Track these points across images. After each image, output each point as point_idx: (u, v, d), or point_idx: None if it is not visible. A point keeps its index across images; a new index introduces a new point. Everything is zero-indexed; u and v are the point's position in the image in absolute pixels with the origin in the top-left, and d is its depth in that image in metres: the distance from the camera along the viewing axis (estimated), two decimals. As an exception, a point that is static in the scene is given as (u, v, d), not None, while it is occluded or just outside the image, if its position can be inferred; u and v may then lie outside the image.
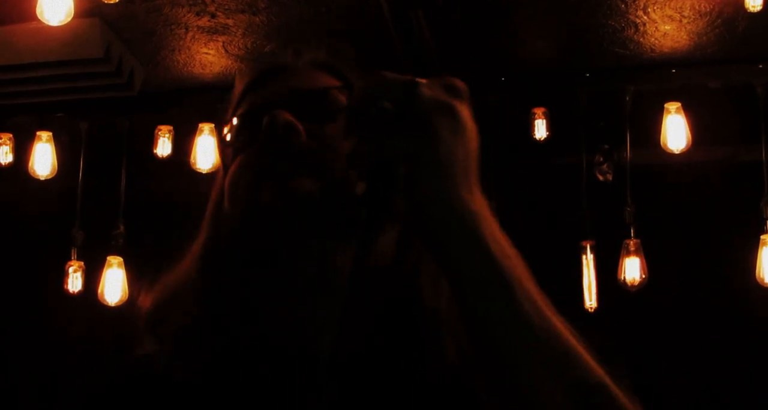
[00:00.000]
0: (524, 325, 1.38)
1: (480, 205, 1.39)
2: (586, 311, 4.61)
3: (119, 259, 4.81)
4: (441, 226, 1.38)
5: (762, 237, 4.58)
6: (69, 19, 3.84)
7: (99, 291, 4.82)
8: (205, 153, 4.82)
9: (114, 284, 4.80)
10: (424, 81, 1.38)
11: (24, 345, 5.24)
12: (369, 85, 1.42)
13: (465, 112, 1.40)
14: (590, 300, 4.66)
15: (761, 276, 4.55)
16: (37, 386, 5.28)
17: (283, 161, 1.56)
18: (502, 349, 1.40)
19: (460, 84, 1.42)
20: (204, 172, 4.87)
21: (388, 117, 1.36)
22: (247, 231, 1.63)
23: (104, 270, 4.83)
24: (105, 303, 4.77)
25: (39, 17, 3.83)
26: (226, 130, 1.74)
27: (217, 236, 1.74)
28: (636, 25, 4.45)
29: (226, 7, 4.31)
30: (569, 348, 1.39)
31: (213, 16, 4.37)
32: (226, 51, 4.60)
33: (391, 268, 1.61)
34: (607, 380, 1.38)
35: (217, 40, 4.54)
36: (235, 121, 1.73)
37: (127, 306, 4.76)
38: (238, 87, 1.80)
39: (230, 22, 4.41)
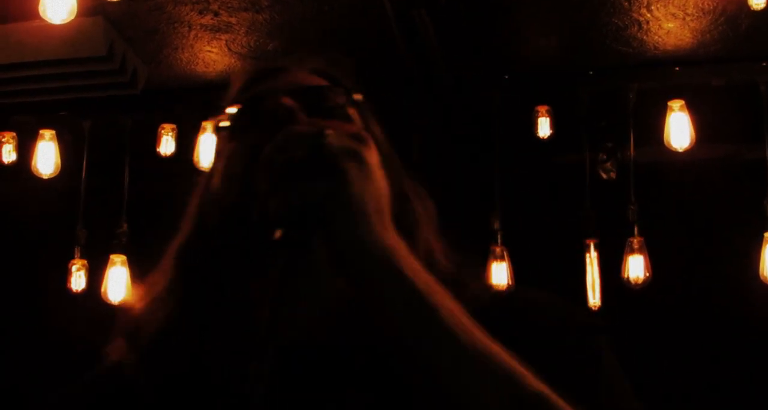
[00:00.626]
0: (452, 344, 1.41)
1: (395, 240, 1.44)
2: (589, 309, 4.62)
3: (122, 258, 4.81)
4: (360, 263, 1.43)
5: (765, 235, 4.58)
6: (71, 17, 3.83)
7: (102, 289, 4.82)
8: (209, 151, 4.82)
9: (117, 283, 4.80)
10: (331, 131, 1.43)
11: (26, 344, 5.24)
12: (280, 137, 1.46)
13: (372, 157, 1.46)
14: (594, 298, 4.67)
15: (764, 274, 4.54)
16: (38, 385, 5.30)
17: None
18: (434, 369, 1.42)
19: (364, 133, 1.51)
20: (207, 170, 4.86)
21: (298, 165, 1.41)
22: (239, 215, 1.62)
23: (107, 268, 4.83)
24: (108, 302, 4.77)
25: (41, 15, 3.83)
26: (223, 116, 1.75)
27: (198, 233, 1.75)
28: (639, 23, 4.45)
29: (229, 5, 4.32)
30: (499, 363, 1.41)
31: (216, 14, 4.38)
32: (230, 49, 4.60)
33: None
34: (545, 389, 1.40)
35: (220, 39, 4.54)
36: (233, 108, 1.73)
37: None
38: (237, 82, 1.82)
39: (233, 20, 4.42)
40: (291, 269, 1.43)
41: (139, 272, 4.82)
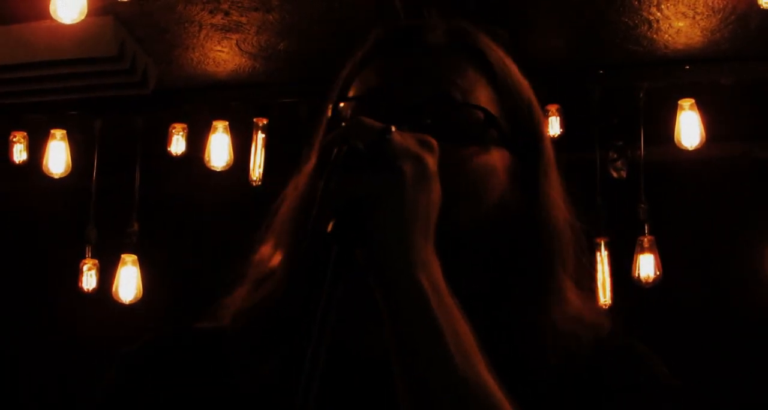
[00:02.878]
0: (447, 371, 1.38)
1: (430, 253, 1.40)
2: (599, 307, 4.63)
3: (133, 257, 4.83)
4: (383, 268, 1.40)
5: None
6: (82, 17, 3.84)
7: (113, 289, 4.84)
8: (219, 151, 4.83)
9: (128, 282, 4.82)
10: (397, 130, 1.40)
11: (38, 343, 5.25)
12: (345, 126, 1.44)
13: (432, 165, 1.41)
14: (604, 297, 4.67)
15: None
16: (50, 384, 5.31)
17: None
18: (420, 391, 1.41)
19: (432, 139, 1.44)
20: (218, 169, 4.89)
21: (359, 157, 1.38)
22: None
23: (118, 268, 4.85)
24: (119, 301, 4.80)
25: (52, 15, 3.84)
26: (336, 112, 1.67)
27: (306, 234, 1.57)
28: (649, 22, 4.45)
29: (240, 4, 4.33)
30: (488, 398, 1.39)
31: (226, 13, 4.39)
32: (240, 49, 4.61)
33: None
34: None
35: (231, 38, 4.55)
36: (349, 110, 1.67)
37: (141, 303, 4.80)
38: (361, 52, 1.75)
39: (244, 19, 4.43)
40: (342, 263, 1.37)
41: (150, 271, 4.85)
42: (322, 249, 1.36)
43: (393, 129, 1.40)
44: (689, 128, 4.69)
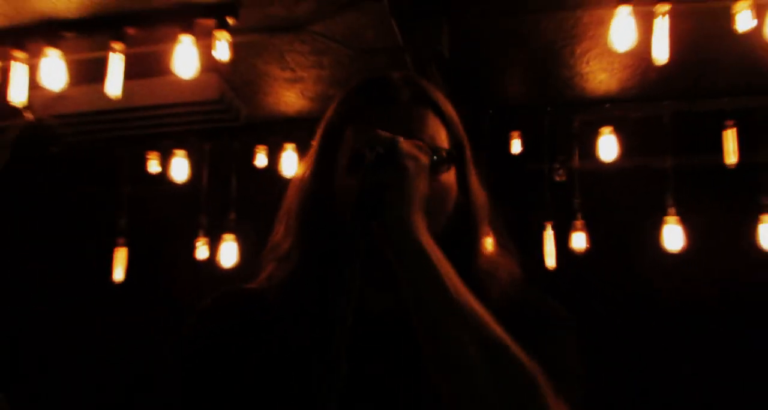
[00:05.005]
0: (458, 317, 1.36)
1: (423, 221, 1.39)
2: (547, 269, 4.65)
3: (232, 236, 4.85)
4: (403, 248, 1.38)
5: (665, 218, 4.56)
6: (196, 74, 3.84)
7: (217, 258, 4.87)
8: (288, 165, 4.86)
9: (228, 253, 4.84)
10: (401, 139, 1.40)
11: (166, 297, 5.15)
12: (368, 137, 1.42)
13: (425, 163, 1.41)
14: (550, 262, 4.69)
15: (664, 245, 4.54)
16: (170, 335, 5.28)
17: None
18: (440, 335, 1.38)
19: (424, 146, 1.44)
20: (288, 177, 4.91)
21: (379, 158, 1.38)
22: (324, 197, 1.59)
23: (221, 243, 4.87)
24: (222, 267, 4.82)
25: (176, 72, 3.85)
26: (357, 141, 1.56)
27: (315, 215, 1.65)
28: (581, 74, 4.42)
29: (302, 64, 4.31)
30: (482, 319, 1.37)
31: (293, 70, 4.37)
32: (302, 95, 4.60)
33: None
34: (509, 341, 1.36)
35: (296, 87, 4.54)
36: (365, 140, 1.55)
37: (238, 269, 4.84)
38: (354, 97, 1.71)
39: (305, 74, 4.41)
40: (358, 251, 1.35)
41: (243, 246, 4.88)
42: (349, 226, 1.34)
43: (400, 139, 1.40)
44: (608, 147, 4.67)
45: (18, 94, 3.98)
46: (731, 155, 4.52)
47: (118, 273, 4.84)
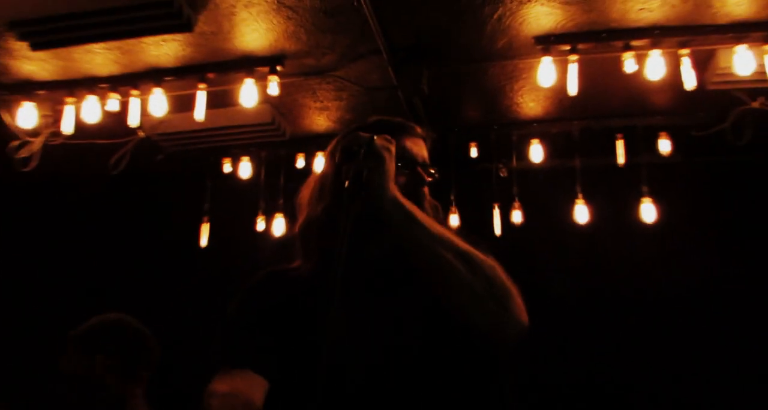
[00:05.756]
0: (434, 238, 1.35)
1: (400, 195, 1.38)
2: (495, 236, 4.59)
3: (281, 214, 4.78)
4: (382, 201, 1.35)
5: (575, 201, 4.52)
6: (255, 104, 3.83)
7: (271, 230, 4.79)
8: (319, 166, 4.79)
9: (278, 227, 4.77)
10: (377, 137, 1.38)
11: (238, 261, 4.88)
12: (353, 137, 1.40)
13: (393, 151, 1.40)
14: (497, 231, 4.65)
15: (575, 220, 4.50)
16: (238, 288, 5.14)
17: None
18: (426, 252, 1.35)
19: (392, 139, 1.43)
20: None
21: (362, 152, 1.36)
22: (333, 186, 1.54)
23: (273, 220, 4.81)
24: (273, 236, 4.75)
25: (241, 104, 3.83)
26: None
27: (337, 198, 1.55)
28: (517, 104, 4.37)
29: (328, 97, 4.27)
30: (450, 236, 1.37)
31: (321, 102, 4.33)
32: (328, 118, 4.56)
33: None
34: (469, 246, 1.36)
35: (323, 114, 4.49)
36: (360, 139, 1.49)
37: (285, 239, 4.72)
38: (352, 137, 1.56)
39: (330, 105, 4.37)
40: (351, 208, 1.32)
41: (288, 222, 4.78)
42: (346, 198, 1.33)
43: (375, 137, 1.39)
44: (536, 153, 4.63)
45: (133, 119, 3.94)
46: (620, 157, 4.49)
47: (204, 241, 4.80)
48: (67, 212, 5.29)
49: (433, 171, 1.60)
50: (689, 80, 3.52)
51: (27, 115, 3.99)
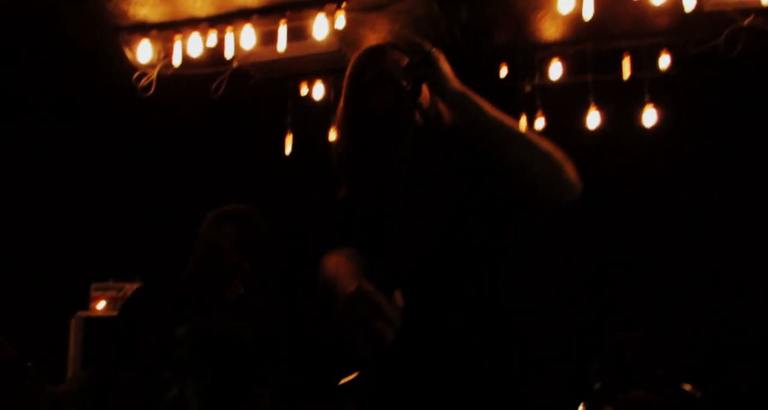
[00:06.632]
0: (498, 123, 1.37)
1: (463, 87, 1.36)
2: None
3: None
4: (451, 98, 1.36)
5: (588, 109, 4.51)
6: (325, 37, 3.88)
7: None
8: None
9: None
10: (431, 47, 1.36)
11: (315, 166, 4.52)
12: (415, 43, 1.37)
13: (444, 59, 1.36)
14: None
15: (587, 125, 4.47)
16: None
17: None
18: (497, 126, 1.36)
19: (440, 51, 1.36)
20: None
21: (420, 57, 1.34)
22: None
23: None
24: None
25: (314, 36, 3.88)
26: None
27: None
28: (540, 28, 4.41)
29: (383, 29, 4.24)
30: (507, 118, 1.38)
31: (379, 33, 4.29)
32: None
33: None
34: (525, 128, 1.33)
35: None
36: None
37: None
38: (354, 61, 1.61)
39: (386, 35, 4.28)
40: (413, 105, 1.31)
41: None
42: (409, 92, 1.29)
43: (431, 48, 1.33)
44: (555, 71, 4.58)
45: (228, 52, 4.08)
46: (627, 72, 4.43)
47: (288, 149, 4.76)
48: (177, 130, 5.55)
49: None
50: (689, 3, 3.57)
51: (144, 51, 4.23)
